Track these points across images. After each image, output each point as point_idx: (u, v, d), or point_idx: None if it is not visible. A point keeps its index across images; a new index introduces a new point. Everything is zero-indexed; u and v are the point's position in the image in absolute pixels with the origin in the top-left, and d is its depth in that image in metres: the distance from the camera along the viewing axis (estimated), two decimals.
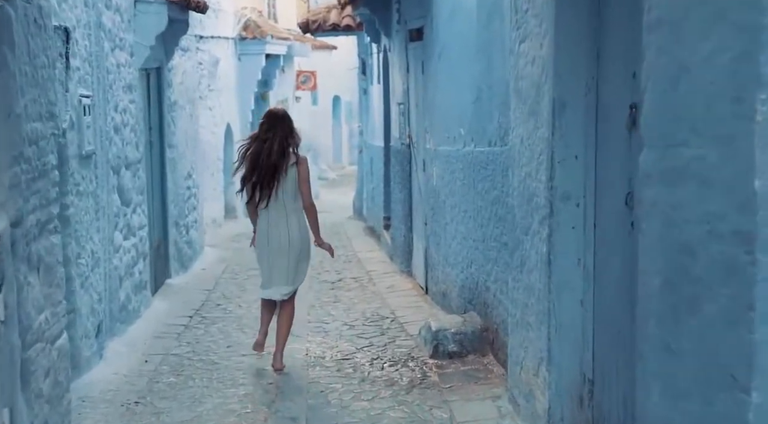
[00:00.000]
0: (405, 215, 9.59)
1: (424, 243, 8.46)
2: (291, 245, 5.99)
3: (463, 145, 6.53)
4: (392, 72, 10.34)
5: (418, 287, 8.81)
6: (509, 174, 4.82)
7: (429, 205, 8.03)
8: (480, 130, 6.00)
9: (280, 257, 6.01)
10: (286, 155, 5.90)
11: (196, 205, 11.27)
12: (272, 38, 17.55)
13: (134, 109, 7.71)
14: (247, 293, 9.18)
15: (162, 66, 9.41)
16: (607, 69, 3.79)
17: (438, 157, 7.50)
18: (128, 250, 7.36)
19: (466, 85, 6.38)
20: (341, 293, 8.99)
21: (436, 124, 7.58)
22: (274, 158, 5.86)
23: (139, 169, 7.89)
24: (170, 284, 9.34)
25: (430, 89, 7.82)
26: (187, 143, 10.75)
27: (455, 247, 6.90)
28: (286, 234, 5.99)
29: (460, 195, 6.64)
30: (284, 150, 5.90)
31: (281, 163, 5.87)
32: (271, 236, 6.01)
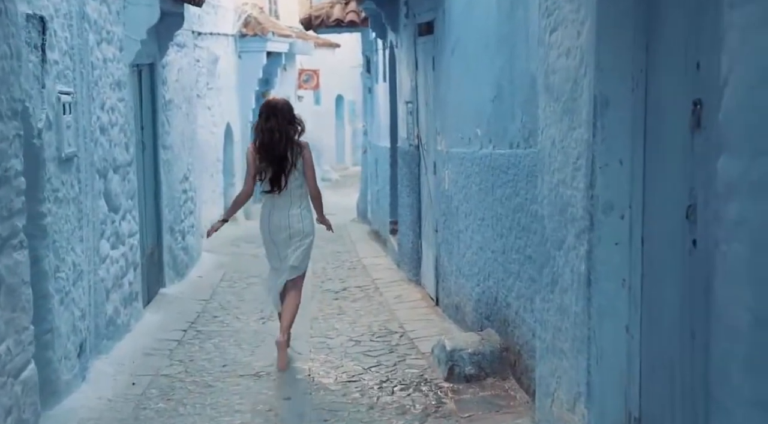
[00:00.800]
0: (413, 220, 9.05)
1: (434, 251, 7.91)
2: (291, 230, 6.13)
3: (479, 147, 5.99)
4: (399, 69, 9.80)
5: (428, 297, 8.27)
6: (537, 180, 4.28)
7: (440, 210, 7.49)
8: (500, 131, 5.46)
9: (283, 243, 6.15)
10: (291, 144, 6.01)
11: (193, 209, 10.73)
12: (274, 35, 17.03)
13: (123, 107, 7.17)
14: (245, 303, 8.64)
15: (155, 62, 8.87)
16: (659, 59, 3.25)
17: (451, 160, 6.96)
18: (116, 260, 6.82)
19: (483, 82, 5.84)
20: (346, 304, 8.45)
21: (449, 124, 7.03)
22: (280, 149, 5.99)
23: (129, 172, 7.35)
24: (164, 293, 8.80)
25: (442, 87, 7.27)
26: (184, 144, 10.22)
27: (470, 257, 6.36)
28: (287, 221, 6.12)
29: (476, 201, 6.10)
30: (288, 139, 6.00)
31: (287, 153, 5.99)
32: (272, 223, 6.15)
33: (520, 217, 5.04)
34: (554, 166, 3.96)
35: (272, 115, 6.04)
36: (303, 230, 6.19)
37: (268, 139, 6.00)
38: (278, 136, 5.98)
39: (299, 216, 6.16)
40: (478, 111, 6.02)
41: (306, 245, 6.23)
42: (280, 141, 5.99)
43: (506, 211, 5.32)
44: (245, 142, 17.08)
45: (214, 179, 14.99)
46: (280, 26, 18.57)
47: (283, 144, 5.99)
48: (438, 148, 7.54)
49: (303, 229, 6.18)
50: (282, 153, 6.00)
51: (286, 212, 6.14)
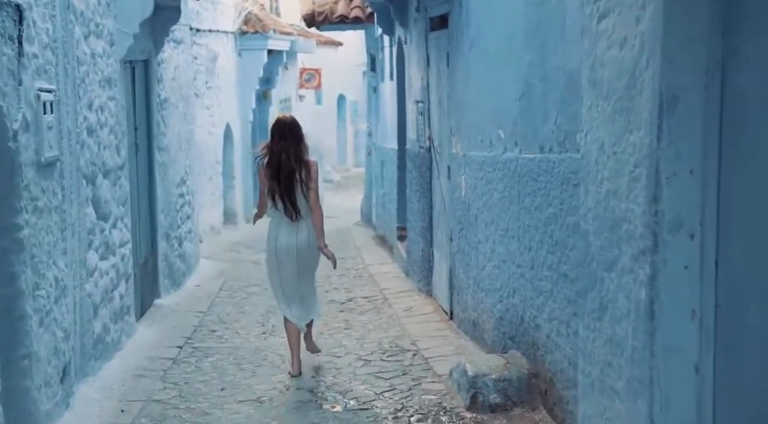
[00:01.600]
0: (424, 227, 8.51)
1: (448, 261, 7.38)
2: (299, 250, 6.09)
3: (502, 151, 5.45)
4: (408, 67, 9.26)
5: (441, 310, 7.73)
6: (577, 189, 3.74)
7: (455, 218, 6.96)
8: (528, 133, 4.92)
9: (289, 263, 6.11)
10: (300, 163, 6.04)
11: (191, 214, 10.20)
12: (275, 33, 16.50)
13: (114, 107, 6.64)
14: (245, 315, 8.10)
15: (150, 59, 8.34)
16: (742, 46, 2.72)
17: (468, 164, 6.42)
18: (106, 272, 6.28)
19: (508, 79, 5.30)
20: (353, 317, 7.91)
21: (466, 125, 6.50)
22: (291, 168, 6.01)
23: (120, 176, 6.82)
24: (159, 305, 8.26)
25: (458, 85, 6.74)
26: (180, 145, 9.68)
27: (491, 270, 5.82)
28: (294, 240, 6.08)
29: (499, 210, 5.56)
30: (297, 158, 6.03)
31: (296, 172, 6.02)
32: (282, 244, 6.09)
33: (554, 229, 4.50)
34: (603, 175, 3.41)
35: (283, 135, 6.08)
36: (311, 249, 6.17)
37: (277, 160, 6.03)
38: (286, 156, 6.02)
39: (307, 237, 6.12)
40: (501, 111, 5.48)
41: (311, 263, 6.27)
42: (288, 160, 6.02)
43: (536, 222, 4.79)
44: (245, 143, 16.59)
45: (213, 182, 14.47)
46: (282, 24, 18.05)
47: (292, 163, 6.02)
48: (453, 151, 7.01)
49: (310, 248, 6.16)
50: (291, 172, 6.01)
51: (294, 229, 6.09)
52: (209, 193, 14.14)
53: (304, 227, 6.09)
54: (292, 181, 6.00)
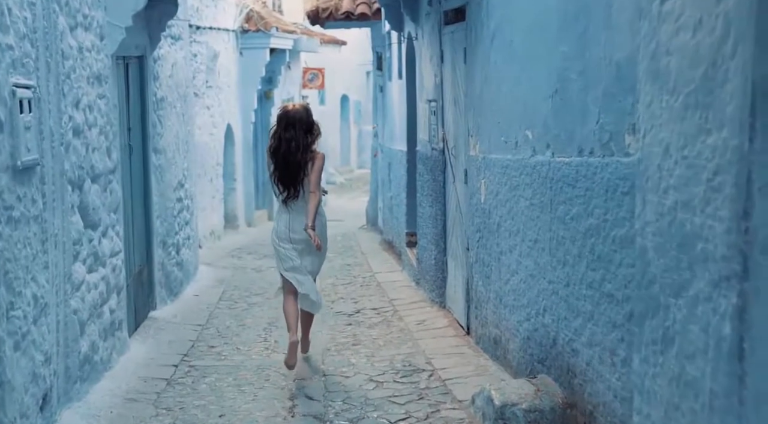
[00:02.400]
0: (437, 234, 7.99)
1: (465, 272, 6.85)
2: (305, 239, 6.11)
3: (531, 153, 4.93)
4: (420, 64, 8.74)
5: (456, 324, 7.20)
6: (635, 199, 3.23)
7: (474, 226, 6.43)
8: (564, 134, 4.40)
9: (300, 249, 6.17)
10: (307, 153, 6.08)
11: (189, 220, 9.68)
12: (277, 31, 15.98)
13: (105, 105, 6.12)
14: (246, 329, 7.58)
15: (145, 55, 7.82)
16: None
17: (489, 168, 5.90)
18: (94, 285, 5.77)
19: (538, 74, 4.78)
20: (361, 331, 7.39)
21: (486, 125, 5.98)
22: (297, 158, 6.06)
23: (111, 181, 6.30)
24: (155, 318, 7.74)
25: (477, 82, 6.22)
26: (179, 147, 9.17)
27: (516, 285, 5.30)
28: (300, 228, 6.12)
29: (526, 218, 5.03)
30: (305, 148, 6.08)
31: (302, 162, 6.06)
32: (292, 229, 6.16)
33: (595, 243, 3.97)
34: (668, 183, 2.89)
35: (291, 125, 6.13)
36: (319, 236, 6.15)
37: (285, 148, 6.08)
38: (294, 145, 6.05)
39: (318, 226, 6.15)
40: (530, 110, 4.96)
41: (322, 252, 6.31)
42: (297, 150, 6.05)
43: (573, 233, 4.26)
44: (247, 144, 16.09)
45: (214, 184, 13.96)
46: (284, 22, 17.54)
47: (299, 153, 6.05)
48: (471, 154, 6.48)
49: (319, 234, 6.15)
50: (297, 162, 6.06)
51: (300, 220, 6.15)
52: (209, 197, 13.63)
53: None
54: (298, 170, 6.05)
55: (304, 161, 6.07)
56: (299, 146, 6.05)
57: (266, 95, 17.39)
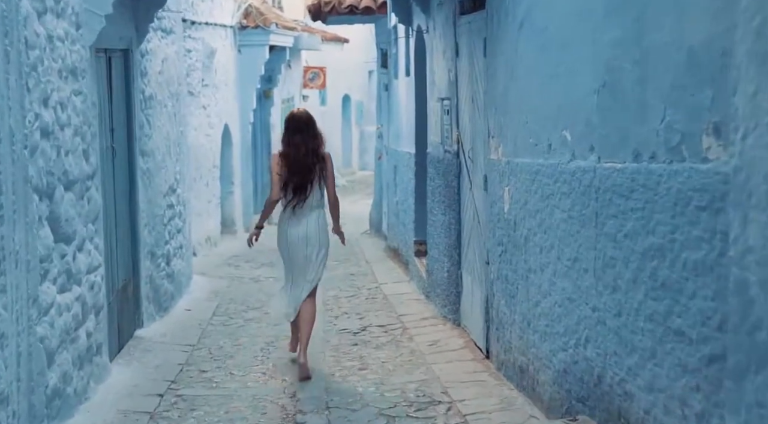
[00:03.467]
0: (450, 245, 7.30)
1: (483, 289, 6.16)
2: (308, 240, 6.22)
3: (569, 158, 4.24)
4: (431, 59, 8.06)
5: (473, 346, 6.51)
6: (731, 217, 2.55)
7: (495, 238, 5.74)
8: (613, 135, 3.70)
9: (299, 252, 6.25)
10: (317, 157, 6.19)
11: (182, 227, 8.98)
12: (277, 27, 15.28)
13: (81, 103, 5.44)
14: (241, 350, 6.89)
15: (131, 48, 7.13)
16: None
17: (514, 173, 5.21)
18: (67, 307, 5.07)
19: (580, 64, 4.09)
20: (368, 353, 6.69)
21: (511, 125, 5.29)
22: (307, 162, 6.15)
23: (89, 187, 5.62)
24: (141, 337, 7.05)
25: (500, 77, 5.53)
26: (169, 149, 8.48)
27: (550, 308, 4.61)
28: (305, 230, 6.22)
29: (563, 234, 4.34)
30: (314, 152, 6.18)
31: (313, 166, 6.16)
32: (290, 233, 6.25)
33: (658, 267, 3.28)
34: None
35: (299, 129, 6.21)
36: (320, 241, 6.26)
37: (295, 152, 6.15)
38: (305, 150, 6.13)
39: (317, 226, 6.25)
40: (568, 107, 4.27)
41: (322, 255, 6.33)
42: (307, 155, 6.13)
43: (626, 254, 3.56)
44: (245, 146, 15.39)
45: (210, 188, 13.26)
46: (284, 18, 16.85)
47: (310, 158, 6.14)
48: (491, 157, 5.79)
49: (320, 239, 6.26)
50: (308, 166, 6.14)
51: (304, 222, 6.22)
52: (205, 201, 12.95)
53: (314, 218, 6.23)
54: (310, 175, 6.14)
55: (315, 165, 6.17)
56: (308, 150, 6.14)
57: (265, 94, 16.71)
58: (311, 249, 6.23)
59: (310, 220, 6.21)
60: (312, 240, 6.22)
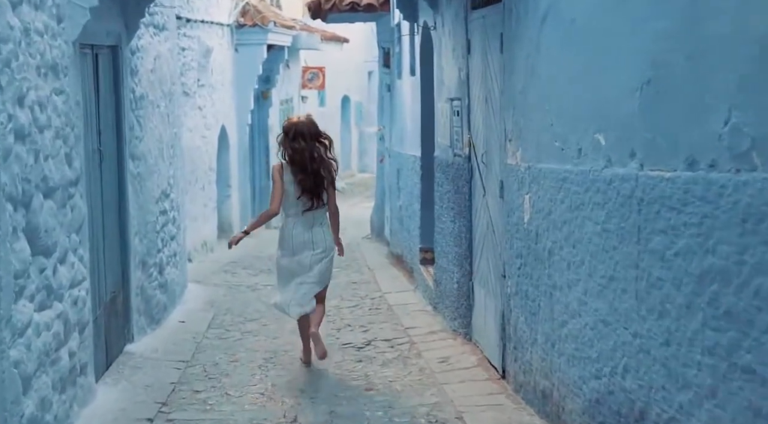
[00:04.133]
0: (461, 254, 6.86)
1: (499, 304, 5.72)
2: (315, 246, 6.21)
3: (604, 164, 3.79)
4: (439, 57, 7.62)
5: (487, 363, 6.06)
6: None
7: (513, 250, 5.30)
8: (660, 139, 3.25)
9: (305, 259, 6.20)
10: (323, 161, 6.15)
11: (176, 234, 8.53)
12: (275, 26, 14.85)
13: (63, 103, 4.99)
14: (239, 367, 6.44)
15: (120, 45, 6.68)
16: None
17: (536, 181, 4.76)
18: (46, 326, 4.62)
19: (618, 59, 3.64)
20: (374, 371, 6.24)
21: (532, 127, 4.85)
22: (314, 167, 6.10)
23: (73, 194, 5.17)
24: (131, 353, 6.60)
25: (519, 74, 5.09)
26: (162, 152, 8.03)
27: (579, 330, 4.16)
28: (310, 237, 6.20)
29: (596, 249, 3.89)
30: (319, 157, 6.14)
31: (320, 170, 6.12)
32: (295, 241, 6.20)
33: (720, 292, 2.83)
34: None
35: (299, 135, 6.14)
36: (325, 246, 6.26)
37: (300, 158, 6.10)
38: (308, 155, 6.07)
39: (322, 233, 6.25)
40: (603, 107, 3.82)
41: (329, 258, 6.31)
42: (312, 160, 6.07)
43: (678, 275, 3.12)
44: (243, 148, 14.95)
45: (206, 192, 12.82)
46: (283, 17, 16.42)
47: (316, 162, 6.08)
48: (509, 162, 5.35)
49: (325, 245, 6.26)
50: (316, 170, 6.09)
51: (309, 229, 6.21)
52: (201, 205, 12.50)
53: (319, 225, 6.24)
54: (319, 181, 6.11)
55: (323, 169, 6.12)
56: (312, 155, 6.09)
57: (263, 95, 16.26)
58: (318, 256, 6.22)
59: (315, 228, 6.22)
60: (318, 247, 6.22)
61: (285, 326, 7.67)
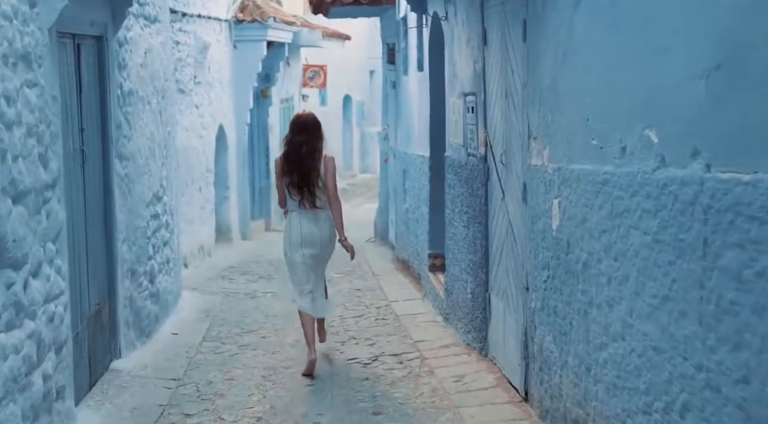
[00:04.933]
0: (475, 263, 6.33)
1: (521, 318, 5.19)
2: (321, 242, 6.31)
3: (656, 165, 3.24)
4: (451, 50, 7.09)
5: (507, 383, 5.52)
6: None
7: (539, 260, 4.76)
8: (736, 136, 2.71)
9: (313, 253, 6.29)
10: (319, 157, 6.22)
11: (169, 239, 8.00)
12: (275, 21, 14.32)
13: (37, 97, 4.46)
14: (234, 386, 5.91)
15: (106, 35, 6.15)
16: None
17: (568, 183, 4.23)
18: (15, 348, 4.09)
19: (674, 42, 3.10)
20: (382, 391, 5.71)
21: (564, 123, 4.31)
22: (308, 162, 6.18)
23: (49, 199, 4.64)
24: (117, 370, 6.07)
25: (547, 63, 4.55)
26: (154, 152, 7.50)
27: (623, 356, 3.62)
28: (317, 231, 6.28)
29: (645, 263, 3.35)
30: (316, 151, 6.21)
31: (314, 165, 6.19)
32: (304, 233, 6.27)
33: None
34: None
35: (302, 130, 6.28)
36: (330, 240, 6.38)
37: (294, 151, 6.21)
38: (305, 149, 6.17)
39: (328, 227, 6.34)
40: (654, 97, 3.28)
41: (328, 254, 6.47)
42: (307, 154, 6.18)
43: (764, 300, 2.57)
44: (241, 148, 14.41)
45: (204, 193, 12.28)
46: (283, 13, 15.86)
47: (310, 157, 6.17)
48: (534, 163, 4.82)
49: (330, 238, 6.37)
50: (309, 166, 6.18)
51: (314, 223, 6.29)
52: (198, 207, 11.96)
53: (324, 218, 6.30)
54: (311, 173, 6.17)
55: (315, 163, 6.18)
56: (309, 149, 6.17)
57: (263, 94, 15.72)
58: (324, 249, 6.35)
59: (319, 220, 6.29)
60: (325, 240, 6.33)
61: (285, 339, 7.16)
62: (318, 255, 6.31)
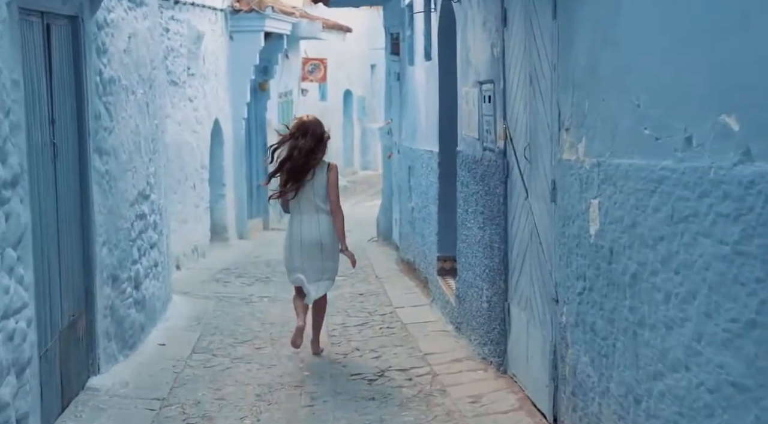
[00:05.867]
0: (492, 268, 5.71)
1: (550, 334, 4.56)
2: (323, 244, 6.30)
3: (737, 159, 2.62)
4: (464, 34, 6.46)
5: (531, 406, 4.90)
6: None
7: (572, 269, 4.14)
8: None
9: (312, 254, 6.31)
10: (314, 160, 6.24)
11: (157, 241, 7.38)
12: (274, 11, 13.71)
13: None
14: (225, 408, 5.29)
15: (81, 16, 5.51)
16: None
17: (611, 180, 3.61)
18: None
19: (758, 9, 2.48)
20: (390, 414, 5.08)
21: (605, 110, 3.69)
22: (300, 164, 6.22)
23: (8, 199, 4.03)
24: (94, 388, 5.45)
25: (583, 44, 3.93)
26: (140, 147, 6.89)
27: (688, 389, 3.00)
28: (318, 233, 6.28)
29: (720, 279, 2.73)
30: (311, 154, 6.23)
31: (308, 167, 6.23)
32: (304, 234, 6.30)
33: None
34: None
35: (302, 134, 6.26)
36: (332, 245, 6.34)
37: (288, 154, 6.24)
38: (298, 153, 6.22)
39: (329, 232, 6.31)
40: (732, 77, 2.66)
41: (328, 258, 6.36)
42: (300, 156, 6.21)
43: None
44: (238, 144, 13.79)
45: (198, 191, 11.68)
46: (282, 3, 15.24)
47: (303, 159, 6.20)
48: (566, 157, 4.19)
49: (332, 243, 6.34)
50: (302, 167, 6.20)
51: (316, 229, 6.28)
52: (192, 206, 11.36)
53: (325, 220, 6.29)
54: (303, 171, 6.21)
55: (310, 163, 6.21)
56: (303, 153, 6.19)
57: (261, 87, 15.10)
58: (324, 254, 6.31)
59: (321, 225, 6.28)
60: (326, 245, 6.31)
61: (282, 350, 6.56)
62: (320, 254, 6.29)
